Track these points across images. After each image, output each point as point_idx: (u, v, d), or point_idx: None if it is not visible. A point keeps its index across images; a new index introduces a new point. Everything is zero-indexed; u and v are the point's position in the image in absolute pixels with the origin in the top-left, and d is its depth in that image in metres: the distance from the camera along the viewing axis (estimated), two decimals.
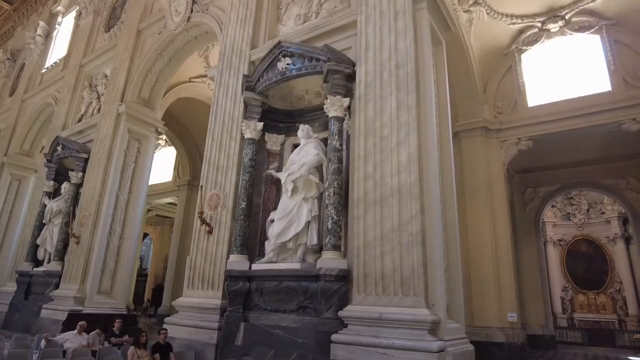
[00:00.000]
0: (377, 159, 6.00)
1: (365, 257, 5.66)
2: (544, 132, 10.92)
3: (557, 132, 10.83)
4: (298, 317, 6.08)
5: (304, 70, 7.07)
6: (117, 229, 10.67)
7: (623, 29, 10.25)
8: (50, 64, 16.24)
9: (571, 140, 11.77)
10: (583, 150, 12.86)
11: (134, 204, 11.14)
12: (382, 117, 6.16)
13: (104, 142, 11.14)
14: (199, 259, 7.52)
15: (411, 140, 5.78)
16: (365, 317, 5.28)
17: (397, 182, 5.70)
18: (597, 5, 10.18)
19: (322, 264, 5.75)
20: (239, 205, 7.16)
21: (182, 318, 7.19)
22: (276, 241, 6.67)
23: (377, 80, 6.42)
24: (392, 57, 6.38)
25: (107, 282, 10.31)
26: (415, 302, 5.10)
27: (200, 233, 7.72)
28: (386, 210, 5.68)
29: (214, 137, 8.35)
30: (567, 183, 14.37)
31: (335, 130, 6.48)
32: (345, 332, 5.39)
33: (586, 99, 10.48)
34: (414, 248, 5.31)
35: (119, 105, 11.35)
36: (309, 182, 6.66)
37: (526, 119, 11.16)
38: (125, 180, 11.06)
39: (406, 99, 6.02)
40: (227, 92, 8.55)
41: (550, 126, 10.83)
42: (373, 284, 5.49)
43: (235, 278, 6.67)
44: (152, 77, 11.85)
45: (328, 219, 6.03)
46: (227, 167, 7.87)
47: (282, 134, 8.08)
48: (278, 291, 6.31)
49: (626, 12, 10.04)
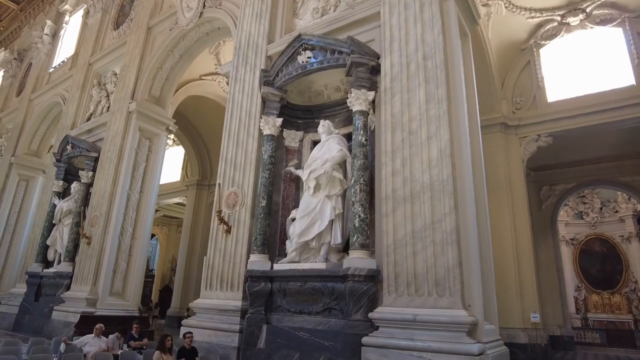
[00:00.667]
0: (406, 154, 5.76)
1: (395, 256, 5.42)
2: (564, 128, 10.66)
3: (578, 128, 10.57)
4: (324, 319, 5.85)
5: (326, 63, 6.84)
6: (129, 228, 10.47)
7: None
8: (57, 63, 16.08)
9: (590, 136, 11.51)
10: (601, 147, 12.59)
11: (145, 204, 10.93)
12: (410, 111, 5.93)
13: (115, 141, 10.95)
14: (217, 259, 7.30)
15: (442, 134, 5.55)
16: (398, 318, 5.04)
17: (429, 178, 5.46)
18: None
19: (350, 263, 5.52)
20: (259, 204, 6.94)
21: (200, 320, 6.97)
22: (298, 240, 6.45)
23: (403, 72, 6.19)
24: (419, 48, 6.15)
25: (118, 284, 10.11)
26: (452, 302, 4.86)
27: (218, 232, 7.50)
28: (417, 207, 5.45)
29: (230, 134, 8.13)
30: (583, 181, 14.08)
31: (360, 125, 6.25)
32: (377, 334, 5.15)
33: (609, 94, 10.22)
34: (448, 246, 5.07)
35: (129, 103, 11.16)
36: (333, 178, 6.43)
37: (546, 114, 10.90)
38: (137, 179, 10.86)
39: (436, 91, 5.78)
40: (243, 88, 8.33)
41: (571, 122, 10.57)
42: (405, 284, 5.25)
43: (256, 278, 6.44)
44: (163, 74, 11.65)
45: (355, 217, 5.79)
46: (244, 165, 7.65)
47: (300, 130, 7.86)
48: (302, 292, 6.08)
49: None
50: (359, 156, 6.07)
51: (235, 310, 6.60)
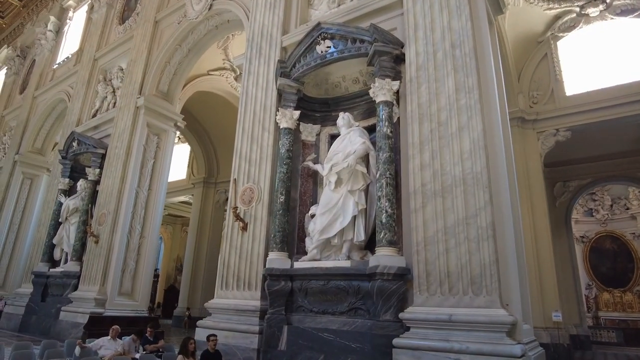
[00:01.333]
0: (435, 146, 5.49)
1: (426, 253, 5.15)
2: (583, 122, 10.38)
3: (597, 122, 10.29)
4: (349, 319, 5.58)
5: (347, 52, 6.57)
6: (137, 227, 10.21)
7: None
8: (62, 59, 15.81)
9: (607, 131, 11.23)
10: (617, 141, 12.30)
11: (154, 201, 10.67)
12: (439, 101, 5.65)
13: (122, 137, 10.68)
14: (233, 258, 7.03)
15: (474, 124, 5.27)
16: (432, 319, 4.78)
17: (461, 171, 5.19)
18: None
19: (378, 261, 5.25)
20: (277, 199, 6.67)
21: (216, 321, 6.70)
22: (320, 237, 6.18)
23: (430, 61, 5.91)
24: (446, 36, 5.88)
25: (127, 283, 9.85)
26: (489, 301, 4.59)
27: (234, 229, 7.23)
28: (449, 201, 5.18)
29: (244, 128, 7.86)
30: (599, 177, 13.79)
31: (384, 116, 5.97)
32: (409, 335, 4.89)
33: (629, 87, 9.94)
34: (484, 243, 4.80)
35: (137, 98, 10.88)
36: (355, 173, 6.16)
37: (564, 108, 10.62)
38: (145, 176, 10.60)
39: (465, 80, 5.51)
40: (257, 81, 8.05)
41: (590, 116, 10.30)
42: (437, 283, 4.98)
43: (276, 277, 6.18)
44: (171, 69, 11.38)
45: (381, 212, 5.52)
46: (260, 160, 7.38)
47: (317, 123, 7.59)
48: (325, 291, 5.81)
49: None
50: (384, 149, 5.79)
51: (254, 311, 6.34)
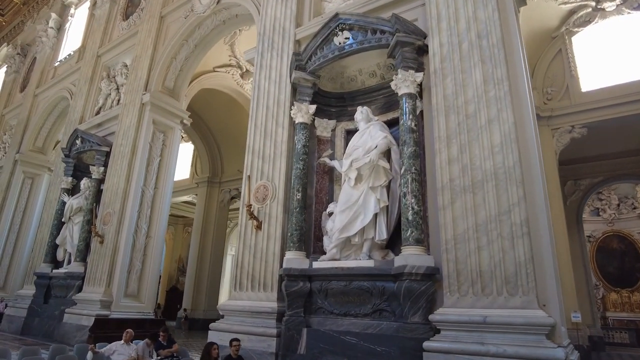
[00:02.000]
0: (464, 139, 5.25)
1: (456, 252, 4.90)
2: (599, 118, 10.16)
3: (613, 119, 10.07)
4: (373, 321, 5.33)
5: (367, 44, 6.33)
6: (144, 226, 9.93)
7: None
8: (63, 56, 15.53)
9: (622, 128, 11.02)
10: (631, 139, 12.10)
11: (160, 200, 10.40)
12: (466, 93, 5.41)
13: (128, 134, 10.40)
14: (247, 257, 6.77)
15: (504, 117, 5.04)
16: (465, 320, 4.53)
17: (492, 165, 4.95)
18: None
19: (406, 260, 4.99)
20: (294, 196, 6.43)
21: (230, 324, 6.43)
22: (339, 236, 5.93)
23: (455, 52, 5.68)
24: (472, 27, 5.64)
25: (133, 285, 9.57)
26: (525, 302, 4.35)
27: (247, 228, 6.97)
28: (479, 197, 4.93)
29: (257, 124, 7.60)
30: (611, 175, 13.58)
31: (408, 109, 5.73)
32: (440, 338, 4.63)
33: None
34: (518, 240, 4.56)
35: (142, 94, 10.62)
36: (377, 168, 5.92)
37: (580, 104, 10.40)
38: (151, 174, 10.32)
39: (494, 71, 5.28)
40: (269, 75, 7.80)
41: (606, 112, 10.08)
42: (468, 283, 4.74)
43: (294, 277, 5.92)
44: (177, 65, 11.12)
45: (407, 209, 5.27)
46: (274, 156, 7.13)
47: (332, 119, 7.35)
48: (347, 292, 5.56)
49: None
50: (409, 143, 5.55)
51: (271, 313, 6.08)
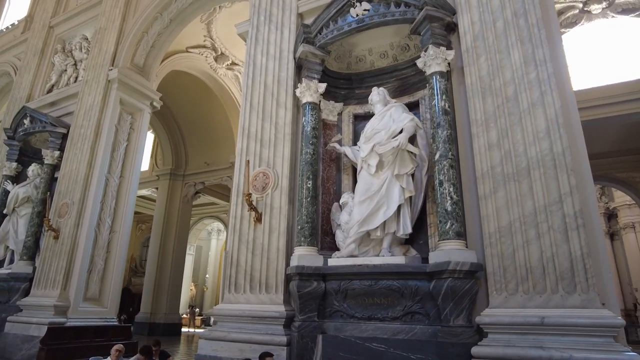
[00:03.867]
0: (503, 124, 4.79)
1: (501, 246, 4.41)
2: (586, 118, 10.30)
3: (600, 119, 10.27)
4: (404, 325, 4.70)
5: (390, 17, 5.72)
6: (107, 220, 8.66)
7: None
8: (4, 26, 13.53)
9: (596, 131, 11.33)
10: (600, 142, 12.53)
11: (127, 190, 9.15)
12: (504, 74, 4.97)
13: (90, 115, 9.05)
14: (244, 254, 5.90)
15: (549, 100, 4.63)
16: (519, 322, 4.03)
17: (538, 152, 4.52)
18: None
19: (448, 256, 4.42)
20: (303, 185, 5.67)
21: (227, 331, 5.54)
22: (359, 229, 5.26)
23: (488, 31, 5.23)
24: (506, 4, 5.22)
25: (95, 287, 8.28)
26: (586, 300, 3.93)
27: (243, 221, 6.10)
28: (525, 186, 4.48)
29: (252, 104, 6.74)
30: None
31: (441, 89, 5.18)
32: (490, 342, 4.11)
33: (618, 87, 10.03)
34: (572, 233, 4.15)
35: (109, 70, 9.31)
36: (402, 154, 5.31)
37: None
38: (117, 161, 9.05)
39: (535, 52, 4.87)
40: (267, 50, 6.98)
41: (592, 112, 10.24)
42: (516, 281, 4.26)
43: (307, 277, 5.17)
44: (149, 40, 9.90)
45: (446, 200, 4.71)
46: (276, 140, 6.32)
47: (339, 101, 6.69)
48: (372, 293, 4.89)
49: None
50: (443, 125, 5.00)
51: (277, 318, 5.27)
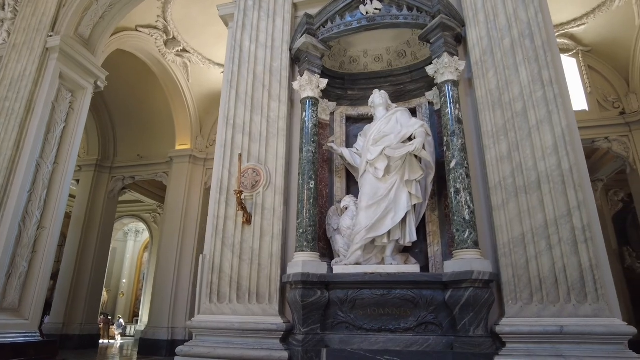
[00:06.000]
0: (513, 137, 4.94)
1: (514, 256, 4.50)
2: None
3: None
4: (417, 336, 4.53)
5: (402, 19, 5.62)
6: (36, 213, 7.22)
7: (596, 56, 11.38)
8: None
9: None
10: None
11: (61, 180, 7.75)
12: (512, 90, 5.14)
13: (20, 86, 7.52)
14: (230, 259, 5.27)
15: (556, 120, 4.88)
16: (538, 331, 4.10)
17: (547, 167, 4.72)
18: (579, 31, 11.08)
19: (470, 265, 4.36)
20: (305, 185, 5.26)
21: (212, 346, 4.83)
22: (367, 235, 5.01)
23: (496, 47, 5.39)
24: (513, 25, 5.44)
25: (14, 294, 6.82)
26: (597, 310, 4.15)
27: (228, 222, 5.47)
28: (535, 199, 4.64)
29: (239, 93, 6.13)
30: None
31: (453, 97, 5.18)
32: (511, 352, 4.11)
33: None
34: (582, 245, 4.37)
35: (48, 36, 7.85)
36: (411, 160, 5.21)
37: None
38: (52, 144, 7.63)
39: (541, 72, 5.12)
40: (257, 37, 6.43)
41: None
42: (530, 290, 4.36)
43: (311, 285, 4.74)
44: (98, 10, 8.61)
45: (463, 208, 4.66)
46: (268, 135, 5.81)
47: (332, 100, 6.43)
48: (384, 303, 4.64)
49: (601, 42, 11.17)
50: (458, 134, 4.99)
51: (274, 331, 4.74)
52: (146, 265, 20.90)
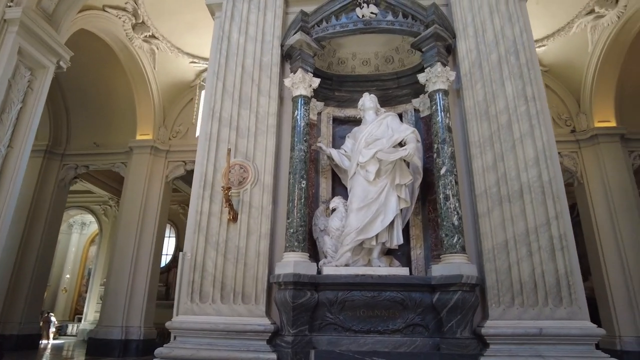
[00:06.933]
0: (498, 148, 5.18)
1: (497, 262, 4.73)
2: None
3: None
4: (405, 338, 4.61)
5: (397, 25, 5.71)
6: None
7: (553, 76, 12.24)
8: None
9: None
10: None
11: (15, 166, 7.11)
12: (497, 103, 5.40)
13: None
14: (213, 258, 5.06)
15: (538, 134, 5.19)
16: (520, 333, 4.34)
17: (529, 178, 5.01)
18: (539, 51, 11.85)
19: (460, 269, 4.51)
20: (296, 185, 5.19)
21: (195, 348, 4.61)
22: (357, 237, 5.04)
23: (484, 61, 5.64)
24: (500, 42, 5.72)
25: None
26: (571, 313, 4.47)
27: (212, 219, 5.26)
28: (517, 208, 4.91)
29: (226, 85, 5.92)
30: None
31: (444, 106, 5.34)
32: (495, 353, 4.31)
33: None
34: (558, 253, 4.69)
35: (7, 6, 7.12)
36: (401, 164, 5.31)
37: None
38: (6, 125, 6.95)
39: (524, 88, 5.43)
40: (246, 30, 6.25)
41: None
42: (511, 294, 4.61)
43: (301, 286, 4.68)
44: None
45: (452, 214, 4.82)
46: (257, 131, 5.66)
47: (320, 100, 6.40)
48: (374, 305, 4.68)
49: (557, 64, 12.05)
50: (448, 142, 5.15)
51: (261, 332, 4.62)
52: (93, 260, 19.62)
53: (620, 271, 10.39)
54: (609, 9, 10.51)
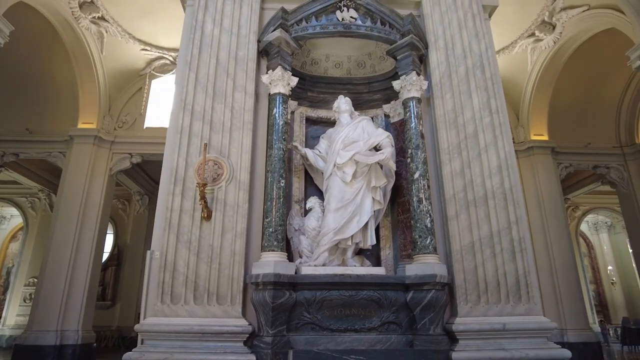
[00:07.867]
0: (465, 156, 5.53)
1: (464, 262, 5.06)
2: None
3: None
4: (381, 335, 4.75)
5: (375, 32, 5.85)
6: None
7: None
8: None
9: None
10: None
11: None
12: (465, 114, 5.75)
13: None
14: (185, 257, 4.84)
15: (500, 144, 5.60)
16: (486, 328, 4.67)
17: (493, 185, 5.40)
18: None
19: (433, 269, 4.75)
20: (275, 184, 5.13)
21: (168, 351, 4.36)
22: (334, 238, 5.11)
23: (453, 73, 5.98)
24: (468, 55, 6.09)
25: None
26: (528, 309, 4.89)
27: (183, 216, 5.02)
28: (482, 212, 5.27)
29: (199, 78, 5.69)
30: None
31: (417, 114, 5.58)
32: (465, 348, 4.59)
33: None
34: (518, 255, 5.10)
35: None
36: (376, 167, 5.47)
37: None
38: None
39: (489, 101, 5.83)
40: (220, 21, 6.04)
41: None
42: (477, 293, 4.94)
43: (281, 286, 4.64)
44: None
45: (425, 216, 5.06)
46: (232, 127, 5.50)
47: (294, 99, 6.38)
48: (352, 304, 4.76)
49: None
50: (422, 148, 5.39)
51: (239, 333, 4.51)
52: (15, 258, 17.74)
53: (548, 272, 11.51)
54: (547, 34, 11.62)
